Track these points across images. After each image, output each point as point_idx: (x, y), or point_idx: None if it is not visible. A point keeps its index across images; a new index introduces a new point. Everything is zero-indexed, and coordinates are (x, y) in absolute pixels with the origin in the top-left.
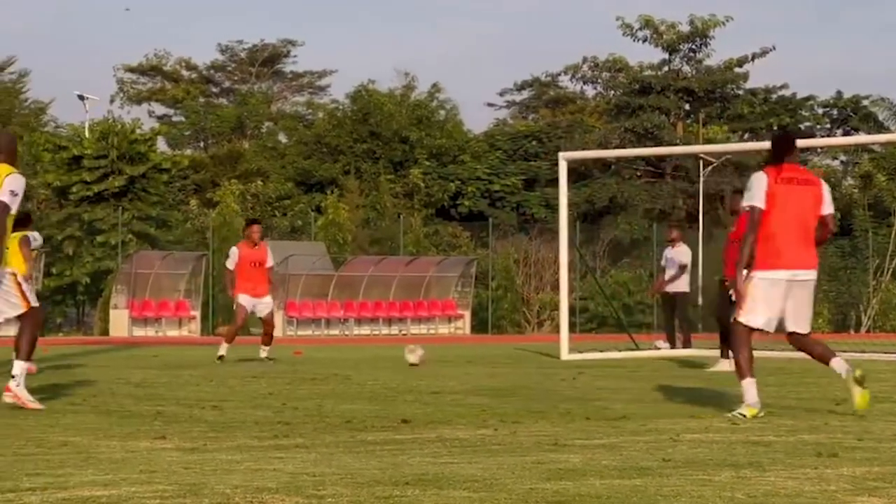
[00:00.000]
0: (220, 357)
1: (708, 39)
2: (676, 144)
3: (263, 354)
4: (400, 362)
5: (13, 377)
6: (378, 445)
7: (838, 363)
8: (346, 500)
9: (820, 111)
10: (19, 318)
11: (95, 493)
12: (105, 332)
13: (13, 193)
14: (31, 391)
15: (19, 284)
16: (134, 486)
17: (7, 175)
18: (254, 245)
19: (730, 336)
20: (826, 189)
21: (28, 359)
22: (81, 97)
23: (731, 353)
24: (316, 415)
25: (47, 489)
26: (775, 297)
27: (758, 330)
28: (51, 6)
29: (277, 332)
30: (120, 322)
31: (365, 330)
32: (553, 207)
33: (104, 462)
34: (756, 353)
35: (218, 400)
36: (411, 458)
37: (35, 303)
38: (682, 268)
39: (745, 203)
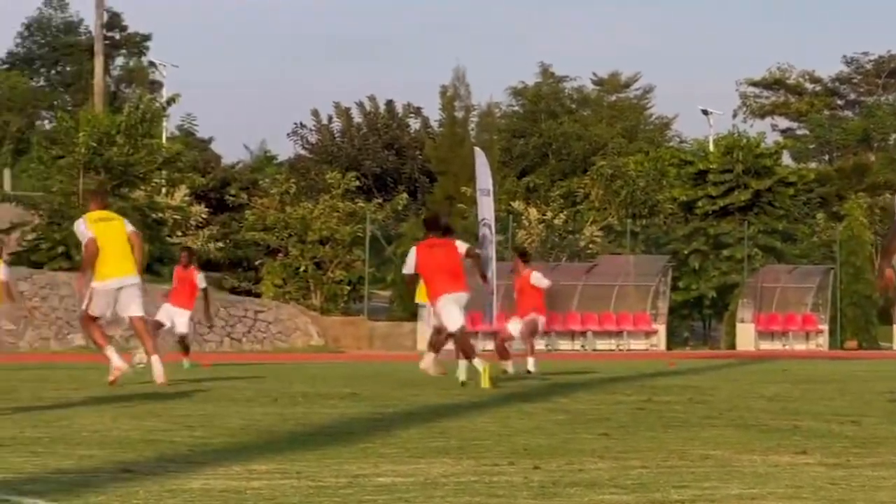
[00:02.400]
0: None
1: None
2: None
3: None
4: None
5: None
6: None
7: None
8: None
9: None
10: None
11: None
12: (731, 345)
13: None
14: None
15: None
16: (780, 501)
17: None
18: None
19: None
20: None
21: None
22: (705, 112)
23: None
24: None
25: (695, 501)
26: None
27: None
28: (675, 23)
29: None
30: (746, 335)
31: None
32: None
33: (748, 476)
34: None
35: (856, 415)
36: None
37: None
38: None
39: None
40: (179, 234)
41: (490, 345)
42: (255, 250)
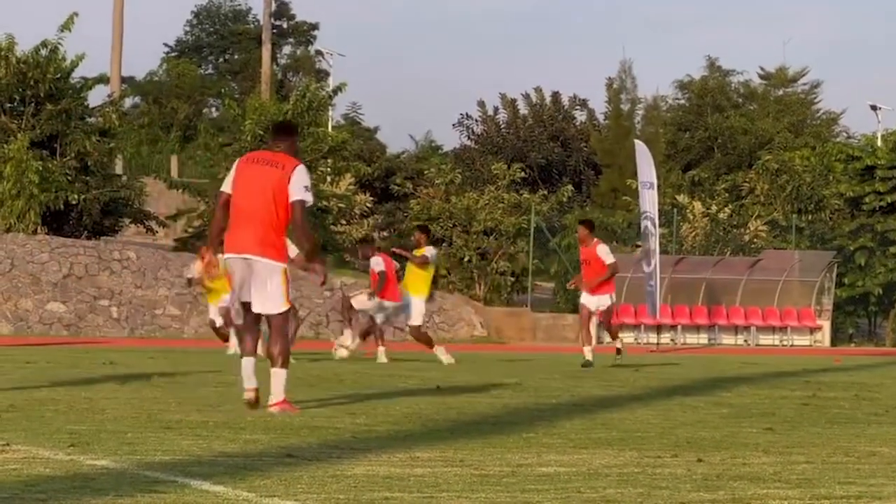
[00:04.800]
0: None
1: None
2: None
3: None
4: None
5: None
6: None
7: None
8: None
9: None
10: None
11: None
12: None
13: None
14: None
15: None
16: None
17: None
18: None
19: None
20: None
21: None
22: (874, 107)
23: None
24: None
25: (861, 498)
26: None
27: None
28: (844, 17)
29: None
30: None
31: None
32: None
33: None
34: None
35: None
36: None
37: None
38: None
39: None
40: (343, 222)
41: (654, 338)
42: None
